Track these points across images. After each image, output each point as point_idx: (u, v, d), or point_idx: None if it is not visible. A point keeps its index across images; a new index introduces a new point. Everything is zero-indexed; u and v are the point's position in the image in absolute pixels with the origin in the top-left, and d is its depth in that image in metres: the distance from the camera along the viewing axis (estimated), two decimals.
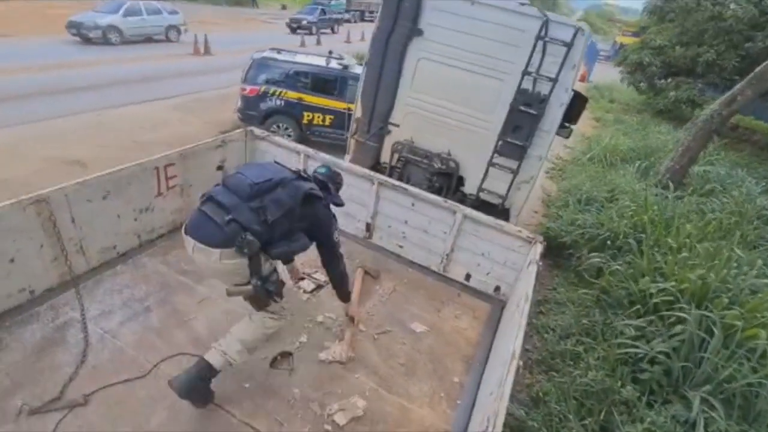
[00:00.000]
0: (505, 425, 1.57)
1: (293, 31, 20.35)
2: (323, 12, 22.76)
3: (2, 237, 2.18)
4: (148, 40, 13.78)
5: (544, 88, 3.52)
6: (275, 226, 1.86)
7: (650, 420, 2.62)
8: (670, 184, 5.83)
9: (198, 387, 1.96)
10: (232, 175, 1.98)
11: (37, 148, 5.62)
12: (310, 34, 19.96)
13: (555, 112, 3.57)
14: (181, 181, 3.14)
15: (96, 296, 2.56)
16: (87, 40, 12.13)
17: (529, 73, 3.48)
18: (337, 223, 2.32)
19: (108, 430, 1.90)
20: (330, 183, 2.37)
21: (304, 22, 20.87)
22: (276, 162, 2.22)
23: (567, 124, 4.02)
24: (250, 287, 1.88)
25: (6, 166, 4.96)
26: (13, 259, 2.26)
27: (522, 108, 3.59)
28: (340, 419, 2.12)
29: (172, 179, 3.04)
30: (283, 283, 2.05)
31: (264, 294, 1.91)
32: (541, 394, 2.96)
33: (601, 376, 2.93)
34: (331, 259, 2.35)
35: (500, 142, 3.75)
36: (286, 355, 2.43)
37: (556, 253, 4.88)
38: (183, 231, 1.91)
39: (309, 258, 2.87)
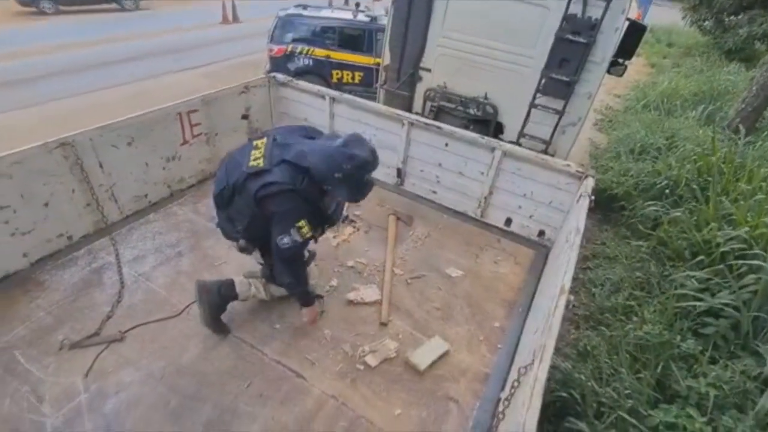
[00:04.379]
0: (549, 378, 1.39)
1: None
2: None
3: (34, 180, 2.21)
4: None
5: (595, 11, 3.09)
6: (252, 230, 1.83)
7: (715, 374, 2.36)
8: (741, 128, 5.18)
9: (213, 292, 2.00)
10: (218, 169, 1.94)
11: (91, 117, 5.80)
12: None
13: (608, 40, 3.14)
14: (206, 128, 3.08)
15: (130, 242, 2.60)
16: None
17: None
18: (302, 222, 1.67)
19: (143, 363, 1.93)
20: (322, 167, 1.62)
21: None
22: (251, 139, 1.82)
23: (621, 60, 3.56)
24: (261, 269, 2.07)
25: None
26: (47, 203, 2.30)
27: (569, 37, 3.18)
28: (372, 360, 2.05)
29: (197, 126, 2.97)
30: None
31: (271, 278, 2.05)
32: (589, 348, 2.75)
33: (658, 330, 2.68)
34: (275, 266, 1.82)
35: (543, 80, 3.39)
36: (317, 297, 2.35)
37: (606, 206, 4.50)
38: None
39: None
